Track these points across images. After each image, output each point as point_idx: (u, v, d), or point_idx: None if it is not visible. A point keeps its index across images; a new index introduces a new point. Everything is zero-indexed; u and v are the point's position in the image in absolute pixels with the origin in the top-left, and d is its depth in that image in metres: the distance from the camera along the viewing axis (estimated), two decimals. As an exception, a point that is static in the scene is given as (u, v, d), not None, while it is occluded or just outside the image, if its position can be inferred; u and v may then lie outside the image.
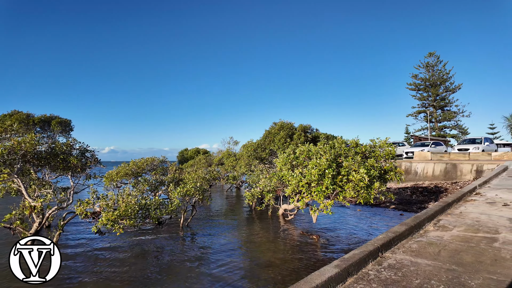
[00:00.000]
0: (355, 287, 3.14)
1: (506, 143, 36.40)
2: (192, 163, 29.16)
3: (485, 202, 7.33)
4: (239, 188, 20.27)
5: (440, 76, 49.69)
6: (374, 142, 9.42)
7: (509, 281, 3.16)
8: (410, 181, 17.99)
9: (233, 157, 21.57)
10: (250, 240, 8.36)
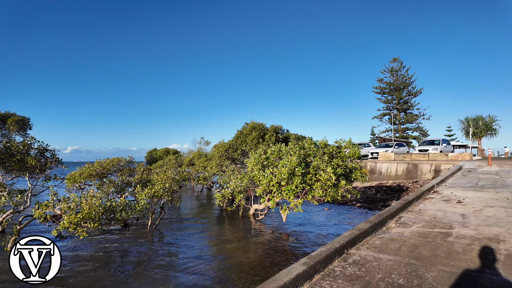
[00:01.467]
0: (321, 284, 3.23)
1: (461, 145, 39.26)
2: (161, 163, 28.44)
3: (441, 200, 7.84)
4: (210, 189, 20.07)
5: (403, 80, 52.44)
6: (338, 143, 9.75)
7: (460, 272, 3.41)
8: (375, 180, 18.81)
9: (204, 157, 21.32)
10: (220, 241, 8.32)
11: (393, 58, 53.70)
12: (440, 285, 3.09)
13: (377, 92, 54.90)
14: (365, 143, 30.88)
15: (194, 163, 22.33)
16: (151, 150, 43.96)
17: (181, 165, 25.32)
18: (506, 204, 6.98)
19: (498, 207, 6.69)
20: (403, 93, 52.41)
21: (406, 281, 3.21)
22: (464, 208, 6.78)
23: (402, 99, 52.69)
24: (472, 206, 6.94)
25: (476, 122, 48.97)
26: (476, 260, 3.74)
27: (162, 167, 24.70)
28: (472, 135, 48.25)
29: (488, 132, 49.38)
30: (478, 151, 43.48)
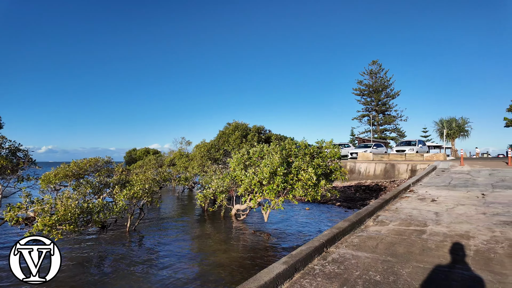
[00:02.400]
0: (301, 282, 3.27)
1: (436, 145, 40.84)
2: (141, 163, 27.84)
3: (417, 199, 8.13)
4: (192, 190, 19.85)
5: (382, 83, 53.92)
6: (320, 144, 9.91)
7: (433, 268, 3.55)
8: (354, 180, 19.24)
9: (186, 157, 21.07)
10: (201, 242, 8.25)
11: (372, 61, 55.17)
12: (414, 281, 3.21)
13: (356, 94, 56.20)
14: (345, 144, 31.52)
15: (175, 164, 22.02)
16: (130, 150, 42.95)
17: (161, 166, 24.89)
18: (476, 202, 7.33)
19: (469, 205, 7.02)
20: (381, 95, 53.91)
21: (383, 277, 3.31)
22: (437, 206, 7.06)
23: (380, 101, 54.19)
24: (445, 204, 7.24)
25: (449, 124, 51.18)
26: (448, 256, 3.91)
27: (141, 168, 24.20)
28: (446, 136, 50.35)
29: (461, 133, 51.76)
30: (451, 151, 45.41)
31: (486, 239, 4.52)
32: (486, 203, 7.17)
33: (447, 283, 3.14)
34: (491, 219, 5.72)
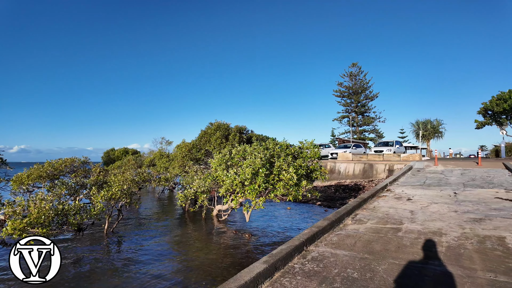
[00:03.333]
0: (281, 281, 3.31)
1: (412, 146, 42.31)
2: (120, 164, 27.15)
3: (393, 198, 8.39)
4: (172, 190, 19.55)
5: (362, 85, 55.27)
6: (302, 144, 10.04)
7: (407, 264, 3.69)
8: (334, 179, 19.60)
9: (166, 157, 20.73)
10: (181, 243, 8.16)
11: (352, 63, 56.44)
12: (390, 277, 3.32)
13: (337, 96, 57.32)
14: (325, 144, 32.04)
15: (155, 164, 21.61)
16: (108, 150, 41.81)
17: (141, 166, 24.37)
18: (448, 201, 7.66)
19: (442, 204, 7.33)
20: (361, 96, 55.25)
21: (360, 274, 3.40)
22: (413, 205, 7.32)
23: (360, 103, 55.52)
24: (420, 203, 7.52)
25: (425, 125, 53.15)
26: (421, 252, 4.07)
27: (120, 168, 23.59)
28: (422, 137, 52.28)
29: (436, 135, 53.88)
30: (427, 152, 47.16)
31: (457, 236, 4.74)
32: (457, 202, 7.51)
33: (420, 279, 3.27)
34: (462, 216, 6.00)
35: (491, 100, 23.56)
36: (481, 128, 25.32)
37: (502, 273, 3.36)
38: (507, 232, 4.89)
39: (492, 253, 3.98)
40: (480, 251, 4.06)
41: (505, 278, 3.23)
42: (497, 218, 5.80)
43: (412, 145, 42.93)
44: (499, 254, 3.92)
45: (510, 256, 3.83)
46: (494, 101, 23.17)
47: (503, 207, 6.76)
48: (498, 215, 6.00)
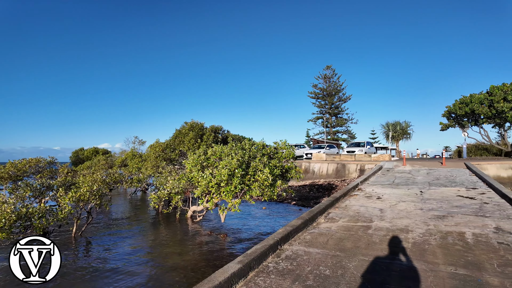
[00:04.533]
0: (255, 280, 3.34)
1: (382, 147, 43.98)
2: (89, 164, 26.07)
3: (364, 196, 8.70)
4: (145, 192, 19.07)
5: (335, 87, 56.73)
6: (277, 144, 10.15)
7: (376, 261, 3.84)
8: (309, 179, 19.98)
9: (139, 158, 20.17)
10: (154, 245, 7.98)
11: (326, 66, 57.78)
12: (360, 273, 3.44)
13: (312, 97, 58.47)
14: (300, 145, 32.57)
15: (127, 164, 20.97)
16: (77, 150, 40.02)
17: (112, 166, 23.55)
18: (415, 199, 8.06)
19: (409, 202, 7.69)
20: (334, 98, 56.70)
21: (332, 271, 3.50)
22: (382, 203, 7.63)
23: (333, 104, 56.96)
24: (389, 201, 7.84)
25: (394, 127, 55.54)
26: (389, 249, 4.25)
27: (90, 169, 22.65)
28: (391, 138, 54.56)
29: (404, 136, 56.48)
30: (396, 152, 49.17)
31: (422, 232, 5.01)
32: (423, 200, 7.91)
33: (387, 274, 3.43)
34: (427, 214, 6.34)
35: (454, 104, 25.02)
36: (445, 130, 26.81)
37: (462, 266, 3.59)
38: (467, 227, 5.22)
39: (453, 247, 4.24)
40: (443, 246, 4.31)
41: (464, 271, 3.46)
42: (458, 215, 6.18)
43: (382, 146, 44.70)
44: (459, 249, 4.18)
45: (468, 251, 4.10)
46: (457, 104, 24.63)
47: (464, 204, 7.22)
48: (459, 212, 6.39)
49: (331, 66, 57.37)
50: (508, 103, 21.35)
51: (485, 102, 22.74)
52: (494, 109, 22.03)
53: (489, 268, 3.51)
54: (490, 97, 22.45)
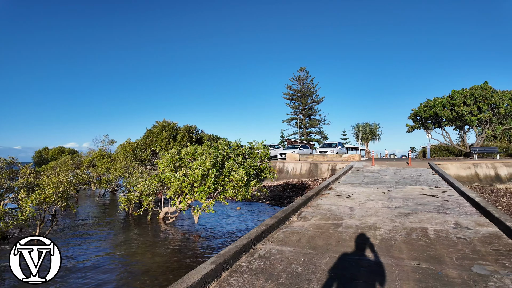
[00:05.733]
0: (229, 280, 3.34)
1: (353, 147, 45.46)
2: (54, 164, 24.73)
3: (335, 195, 8.95)
4: (115, 193, 18.39)
5: (309, 89, 57.89)
6: (252, 145, 10.19)
7: (346, 257, 3.98)
8: (283, 179, 20.22)
9: (108, 158, 19.42)
10: (124, 248, 7.72)
11: (301, 68, 58.79)
12: (330, 270, 3.55)
13: (286, 98, 59.25)
14: (275, 145, 32.89)
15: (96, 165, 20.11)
16: (40, 149, 37.87)
17: (79, 167, 22.49)
18: (383, 197, 8.41)
19: (377, 200, 8.01)
20: (308, 100, 57.85)
21: (303, 269, 3.58)
22: (352, 202, 7.89)
23: (307, 106, 58.09)
24: (358, 200, 8.13)
25: (364, 128, 57.59)
26: (358, 245, 4.41)
27: (55, 169, 21.49)
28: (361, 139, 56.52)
29: (373, 137, 58.72)
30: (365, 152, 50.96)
31: (389, 229, 5.24)
32: (390, 198, 8.28)
33: (356, 270, 3.56)
34: (394, 211, 6.64)
35: (420, 107, 26.39)
36: (411, 131, 28.19)
37: (424, 260, 3.81)
38: (429, 224, 5.54)
39: (417, 243, 4.48)
40: (407, 242, 4.54)
41: (427, 264, 3.67)
42: (421, 212, 6.53)
43: (353, 146, 46.20)
44: (422, 244, 4.42)
45: (431, 246, 4.36)
46: (422, 107, 25.99)
47: (427, 202, 7.64)
48: (422, 209, 6.76)
49: (305, 68, 58.51)
50: (467, 107, 22.85)
51: (447, 106, 24.20)
52: (455, 112, 23.50)
53: (449, 262, 3.75)
54: (452, 101, 23.93)
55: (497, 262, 3.72)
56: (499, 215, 5.46)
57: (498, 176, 16.07)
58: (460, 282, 3.19)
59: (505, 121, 23.08)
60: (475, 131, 24.52)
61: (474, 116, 22.70)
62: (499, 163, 17.03)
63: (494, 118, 22.80)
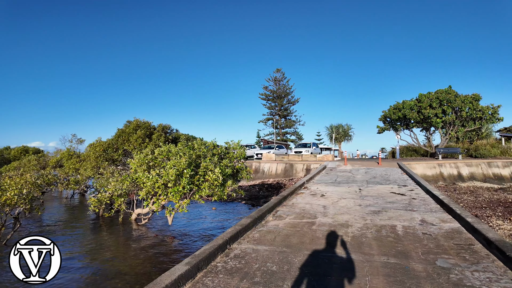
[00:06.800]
0: (203, 281, 3.32)
1: (327, 147, 46.61)
2: (17, 165, 23.31)
3: (309, 194, 9.13)
4: (84, 194, 17.63)
5: (285, 90, 58.65)
6: (228, 145, 10.17)
7: (319, 254, 4.07)
8: (259, 179, 20.32)
9: (77, 158, 18.57)
10: (95, 251, 7.43)
11: (277, 69, 59.43)
12: (304, 267, 3.62)
13: (262, 99, 59.63)
14: (251, 145, 32.98)
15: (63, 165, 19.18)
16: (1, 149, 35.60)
17: (45, 167, 21.36)
18: (355, 196, 8.69)
19: (349, 199, 8.27)
20: (284, 101, 58.59)
21: (278, 267, 3.63)
22: (325, 200, 8.09)
23: (283, 106, 58.81)
24: (332, 198, 8.34)
25: (337, 129, 59.16)
26: (331, 243, 4.53)
27: (18, 170, 20.26)
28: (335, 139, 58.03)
29: (346, 138, 60.47)
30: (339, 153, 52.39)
31: (360, 226, 5.43)
32: (361, 197, 8.56)
33: (329, 266, 3.66)
34: (365, 209, 6.88)
35: (389, 109, 27.52)
36: (381, 133, 29.33)
37: (393, 256, 3.98)
38: (398, 221, 5.80)
39: (386, 239, 4.67)
40: (377, 238, 4.73)
41: (395, 260, 3.84)
42: (391, 209, 6.82)
43: (327, 147, 47.40)
44: (391, 240, 4.62)
45: (399, 242, 4.56)
46: (392, 110, 27.12)
47: (396, 200, 7.99)
48: (391, 207, 7.06)
49: (281, 69, 59.22)
50: (433, 109, 24.12)
51: (414, 108, 25.41)
52: (422, 114, 24.73)
53: (415, 256, 3.95)
54: (419, 103, 25.16)
55: (458, 255, 3.96)
56: (460, 212, 5.82)
57: (460, 175, 17.10)
58: (425, 275, 3.37)
59: (466, 124, 24.60)
60: (440, 132, 25.93)
61: (439, 118, 24.00)
62: (461, 163, 18.13)
63: (457, 120, 24.24)
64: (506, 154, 22.56)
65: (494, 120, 23.76)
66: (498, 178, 16.74)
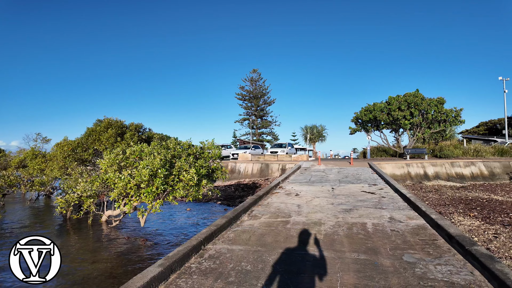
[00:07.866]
0: (177, 282, 3.27)
1: (302, 148, 47.40)
2: (-25, 165, 21.74)
3: (284, 194, 9.25)
4: (50, 196, 16.76)
5: (261, 90, 58.96)
6: (203, 144, 10.07)
7: (294, 253, 4.15)
8: (235, 179, 20.29)
9: (42, 158, 17.60)
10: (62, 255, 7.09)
11: (253, 69, 59.62)
12: (279, 266, 3.67)
13: (239, 99, 59.63)
14: (227, 145, 32.85)
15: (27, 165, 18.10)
16: (-44, 148, 32.93)
17: (6, 168, 20.06)
18: (327, 195, 8.91)
19: (322, 198, 8.46)
20: (260, 101, 58.88)
21: (253, 266, 3.65)
22: (300, 199, 8.23)
23: (259, 107, 59.10)
24: (306, 198, 8.50)
25: (312, 130, 60.33)
26: (305, 241, 4.63)
27: (-25, 170, 18.86)
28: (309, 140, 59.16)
29: (320, 138, 61.81)
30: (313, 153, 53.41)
31: (332, 224, 5.58)
32: (334, 195, 8.80)
33: (302, 264, 3.73)
34: (337, 208, 7.08)
35: (361, 111, 28.46)
36: (353, 133, 30.26)
37: (363, 252, 4.13)
38: (368, 219, 6.02)
39: (357, 236, 4.84)
40: (349, 236, 4.89)
41: (365, 256, 3.99)
42: (361, 208, 7.06)
43: (302, 147, 48.19)
44: (361, 237, 4.79)
45: (369, 238, 4.74)
46: (363, 111, 28.07)
47: (366, 198, 8.28)
48: (362, 206, 7.31)
49: (258, 70, 59.46)
50: (401, 112, 25.24)
51: (384, 110, 26.45)
52: (391, 116, 25.80)
53: (384, 252, 4.12)
54: (389, 106, 26.23)
55: (423, 250, 4.18)
56: (425, 209, 6.14)
57: (426, 175, 18.02)
58: (393, 270, 3.53)
59: (432, 126, 25.96)
60: (408, 134, 27.18)
61: (407, 120, 25.15)
62: (427, 163, 19.11)
63: (424, 122, 25.52)
64: (467, 154, 24.04)
65: (457, 122, 25.25)
66: (460, 177, 17.81)
